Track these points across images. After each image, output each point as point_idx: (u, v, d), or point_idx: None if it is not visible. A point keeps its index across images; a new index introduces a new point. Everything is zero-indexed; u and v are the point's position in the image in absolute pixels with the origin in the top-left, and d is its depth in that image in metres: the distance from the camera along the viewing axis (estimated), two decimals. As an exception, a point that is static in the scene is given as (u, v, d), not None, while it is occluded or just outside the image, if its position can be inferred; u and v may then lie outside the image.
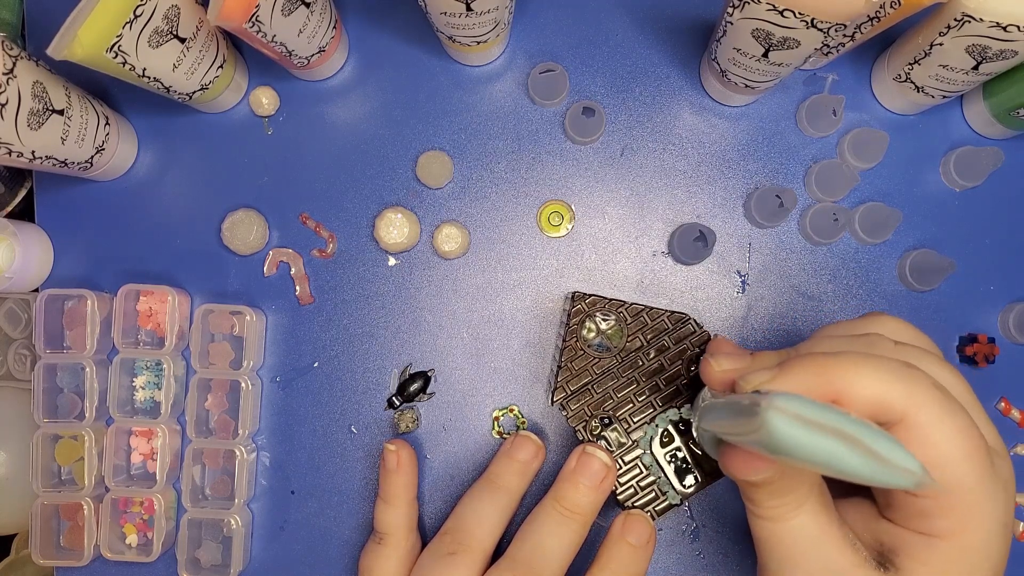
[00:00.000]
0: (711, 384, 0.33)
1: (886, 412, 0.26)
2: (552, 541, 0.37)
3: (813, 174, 0.45)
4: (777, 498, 0.29)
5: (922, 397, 0.26)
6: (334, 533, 0.45)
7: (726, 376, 0.31)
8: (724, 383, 0.32)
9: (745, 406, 0.25)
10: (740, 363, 0.32)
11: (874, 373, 0.26)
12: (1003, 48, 0.37)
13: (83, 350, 0.44)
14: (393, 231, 0.45)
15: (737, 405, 0.26)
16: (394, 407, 0.45)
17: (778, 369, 0.27)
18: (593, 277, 0.46)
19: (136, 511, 0.45)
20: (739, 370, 0.31)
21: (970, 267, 0.46)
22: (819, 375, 0.26)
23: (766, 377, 0.27)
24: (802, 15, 0.34)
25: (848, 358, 0.27)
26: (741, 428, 0.25)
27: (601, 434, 0.40)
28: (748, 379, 0.28)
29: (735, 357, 0.32)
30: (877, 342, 0.30)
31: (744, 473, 0.29)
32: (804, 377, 0.27)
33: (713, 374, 0.32)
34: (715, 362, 0.32)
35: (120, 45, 0.36)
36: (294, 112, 0.47)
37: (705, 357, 0.33)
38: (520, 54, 0.47)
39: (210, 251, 0.47)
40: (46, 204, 0.47)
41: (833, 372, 0.26)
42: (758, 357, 0.32)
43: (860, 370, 0.26)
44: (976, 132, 0.47)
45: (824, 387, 0.26)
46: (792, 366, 0.27)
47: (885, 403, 0.26)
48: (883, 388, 0.26)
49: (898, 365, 0.27)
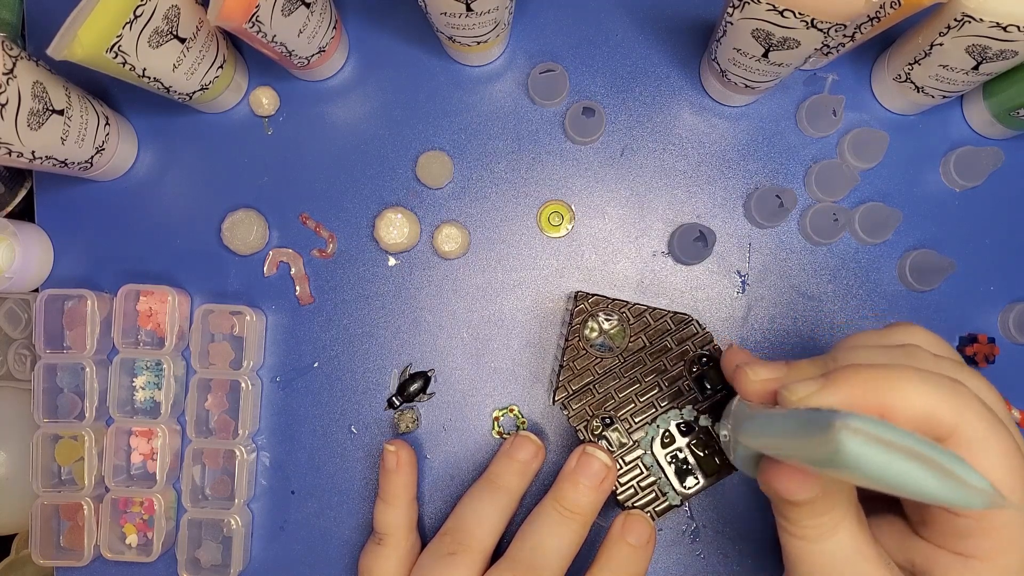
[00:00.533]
0: (747, 395, 0.31)
1: (934, 428, 0.26)
2: (552, 541, 0.37)
3: (813, 174, 0.45)
4: (816, 517, 0.29)
5: (970, 414, 0.26)
6: (334, 533, 0.45)
7: (766, 387, 0.30)
8: (763, 394, 0.30)
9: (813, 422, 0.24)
10: (777, 372, 0.30)
11: (924, 387, 0.26)
12: (1003, 48, 0.37)
13: (83, 350, 0.44)
14: (393, 231, 0.45)
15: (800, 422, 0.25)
16: (394, 407, 0.45)
17: (823, 380, 0.27)
18: (593, 277, 0.46)
19: (136, 511, 0.45)
20: (778, 380, 0.30)
21: (970, 267, 0.46)
22: (866, 388, 0.26)
23: (812, 388, 0.26)
24: (802, 15, 0.34)
25: (898, 371, 0.26)
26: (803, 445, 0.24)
27: (602, 434, 0.40)
28: (792, 389, 0.27)
29: (772, 366, 0.31)
30: (917, 354, 0.29)
31: (791, 492, 0.28)
32: (852, 389, 0.26)
33: (750, 384, 0.31)
34: (752, 372, 0.31)
35: (120, 45, 0.36)
36: (294, 112, 0.47)
37: (739, 366, 0.31)
38: (520, 54, 0.47)
39: (210, 251, 0.47)
40: (46, 204, 0.47)
41: (883, 385, 0.26)
42: (795, 367, 0.30)
43: (911, 384, 0.26)
44: (976, 132, 0.47)
45: (873, 400, 0.26)
46: (839, 378, 0.26)
47: (934, 419, 0.26)
48: (933, 403, 0.26)
49: (947, 381, 0.26)
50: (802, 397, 0.27)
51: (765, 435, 0.28)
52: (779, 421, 0.27)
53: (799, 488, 0.28)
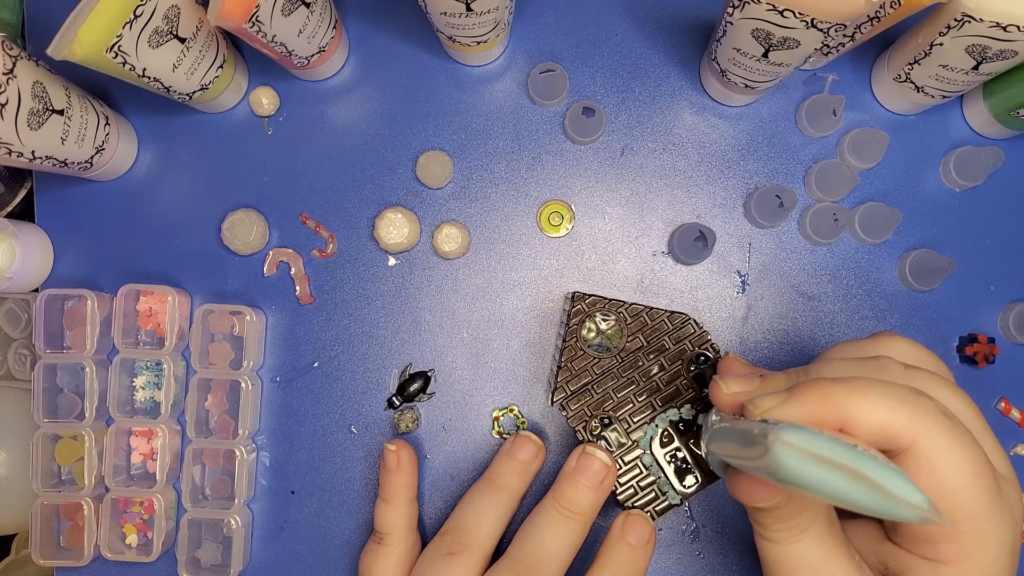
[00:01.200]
0: (720, 406, 0.32)
1: (893, 439, 0.26)
2: (552, 541, 0.37)
3: (813, 174, 0.45)
4: (783, 522, 0.30)
5: (929, 424, 0.26)
6: (334, 533, 0.45)
7: (735, 399, 0.31)
8: (733, 406, 0.31)
9: (752, 436, 0.24)
10: (749, 385, 0.31)
11: (881, 400, 0.26)
12: (1003, 48, 0.37)
13: (83, 350, 0.44)
14: (393, 231, 0.45)
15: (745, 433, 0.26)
16: (394, 407, 0.45)
17: (786, 394, 0.27)
18: (593, 277, 0.46)
19: (136, 511, 0.45)
20: (748, 392, 0.31)
21: (970, 267, 0.46)
22: (826, 401, 0.26)
23: (774, 402, 0.27)
24: (802, 15, 0.34)
25: (855, 384, 0.27)
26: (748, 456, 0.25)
27: (601, 434, 0.40)
28: (756, 403, 0.28)
29: (744, 379, 0.32)
30: (887, 366, 0.30)
31: (750, 499, 0.29)
32: (811, 404, 0.26)
33: (722, 396, 0.32)
34: (724, 384, 0.32)
35: (120, 45, 0.36)
36: (294, 112, 0.47)
37: (715, 378, 0.32)
38: (520, 54, 0.47)
39: (210, 251, 0.47)
40: (46, 204, 0.47)
41: (840, 399, 0.26)
42: (767, 380, 0.31)
43: (867, 397, 0.26)
44: (976, 132, 0.47)
45: (831, 414, 0.26)
46: (800, 392, 0.27)
47: (892, 430, 0.26)
48: (890, 415, 0.26)
49: (906, 391, 0.27)
50: (764, 410, 0.27)
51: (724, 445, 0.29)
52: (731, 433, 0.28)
53: (758, 496, 0.29)
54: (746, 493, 0.29)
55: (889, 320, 0.46)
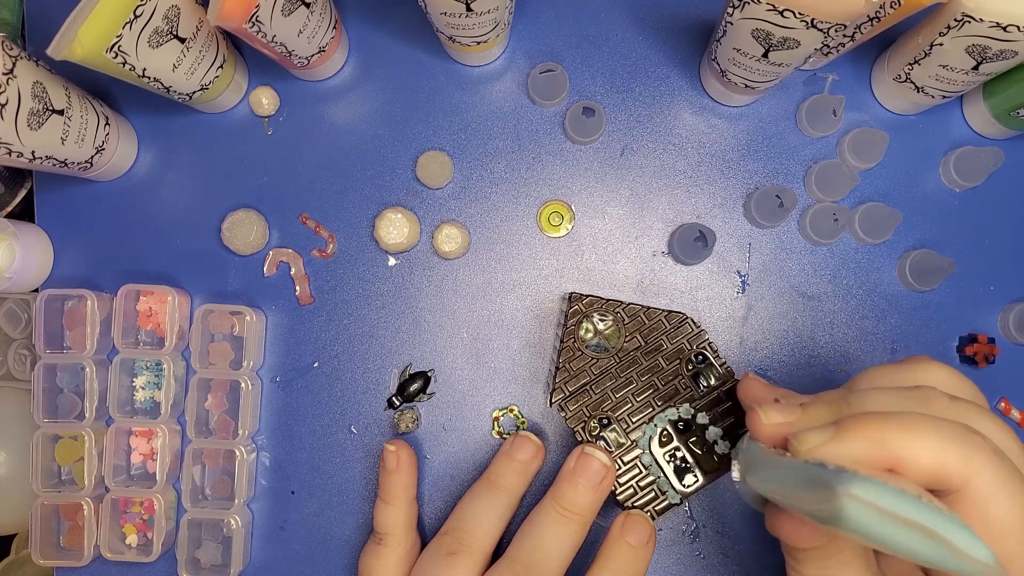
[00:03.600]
0: (760, 438, 0.31)
1: (945, 481, 0.26)
2: (552, 541, 0.37)
3: (813, 174, 0.45)
4: (822, 560, 0.29)
5: (981, 465, 0.25)
6: (334, 533, 0.45)
7: (778, 431, 0.30)
8: (773, 438, 0.30)
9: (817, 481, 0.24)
10: (790, 416, 0.30)
11: (934, 440, 0.25)
12: (1003, 48, 0.37)
13: (83, 350, 0.44)
14: (393, 231, 0.45)
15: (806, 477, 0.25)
16: (394, 407, 0.45)
17: (834, 429, 0.26)
18: (593, 277, 0.46)
19: (136, 511, 0.45)
20: (790, 424, 0.30)
21: (970, 267, 0.46)
22: (876, 440, 0.26)
23: (822, 439, 0.26)
24: (802, 15, 0.34)
25: (907, 422, 0.26)
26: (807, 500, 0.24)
27: (600, 434, 0.40)
28: (802, 439, 0.27)
29: (785, 409, 0.30)
30: (931, 398, 0.29)
31: (796, 540, 0.29)
32: (861, 442, 0.26)
33: (762, 428, 0.30)
34: (764, 415, 0.30)
35: (120, 45, 0.36)
36: (294, 112, 0.47)
37: (753, 408, 0.31)
38: (520, 54, 0.47)
39: (210, 251, 0.47)
40: (46, 204, 0.47)
41: (892, 437, 0.26)
42: (809, 410, 0.30)
43: (920, 436, 0.26)
44: (976, 132, 0.47)
45: (882, 452, 0.26)
46: (848, 429, 0.26)
47: (945, 472, 0.25)
48: (942, 456, 0.25)
49: (958, 429, 0.26)
50: (811, 447, 0.26)
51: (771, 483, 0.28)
52: (785, 473, 0.27)
53: (805, 538, 0.28)
54: (790, 534, 0.29)
55: (889, 320, 0.46)
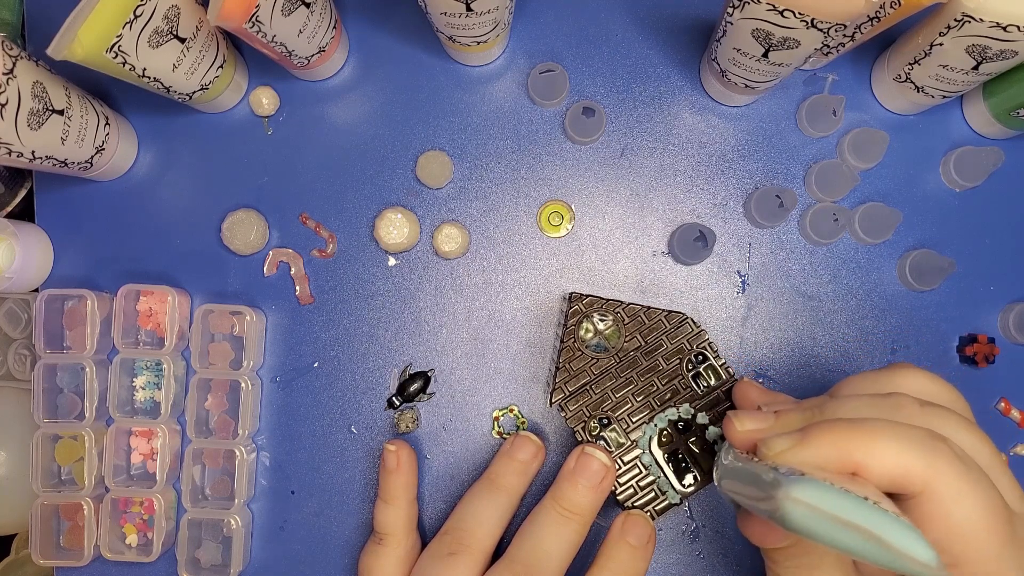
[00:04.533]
0: (733, 443, 0.32)
1: (906, 484, 0.26)
2: (552, 541, 0.37)
3: (813, 174, 0.45)
4: (794, 559, 0.30)
5: (943, 469, 0.26)
6: (334, 533, 0.45)
7: (748, 437, 0.31)
8: (746, 444, 0.31)
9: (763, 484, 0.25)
10: (763, 423, 0.31)
11: (894, 445, 0.26)
12: (1003, 48, 0.37)
13: (83, 350, 0.44)
14: (393, 231, 0.45)
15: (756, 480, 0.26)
16: (394, 407, 0.45)
17: (800, 436, 0.27)
18: (593, 277, 0.46)
19: (136, 511, 0.45)
20: (762, 431, 0.31)
21: (970, 267, 0.46)
22: (839, 446, 0.26)
23: (787, 444, 0.27)
24: (802, 15, 0.34)
25: (869, 428, 0.27)
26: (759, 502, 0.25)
27: (600, 434, 0.40)
28: (769, 444, 0.28)
29: (758, 417, 0.32)
30: (902, 404, 0.29)
31: (762, 541, 0.31)
32: (824, 448, 0.27)
33: (735, 434, 0.32)
34: (738, 422, 0.32)
35: (120, 45, 0.36)
36: (294, 112, 0.47)
37: (728, 414, 0.32)
38: (520, 54, 0.47)
39: (210, 251, 0.47)
40: (46, 204, 0.47)
41: (854, 443, 0.26)
42: (782, 418, 0.31)
43: (881, 441, 0.26)
44: (976, 132, 0.47)
45: (844, 458, 0.26)
46: (812, 435, 0.27)
47: (904, 476, 0.26)
48: (903, 460, 0.26)
49: (920, 435, 0.27)
50: (777, 452, 0.27)
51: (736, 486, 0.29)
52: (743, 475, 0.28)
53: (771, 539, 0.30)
54: (757, 535, 0.30)
55: (889, 320, 0.46)
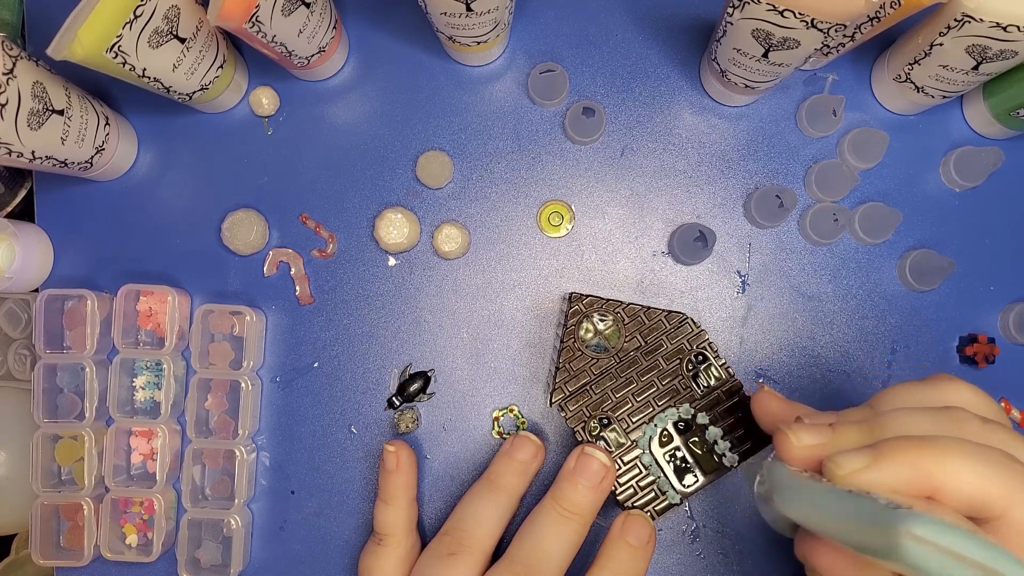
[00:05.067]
0: (790, 461, 0.30)
1: (984, 508, 0.25)
2: (551, 541, 0.37)
3: (813, 174, 0.45)
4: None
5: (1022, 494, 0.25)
6: (334, 533, 0.45)
7: (811, 453, 0.29)
8: (806, 461, 0.29)
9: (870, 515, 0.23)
10: (821, 437, 0.29)
11: (975, 467, 0.25)
12: (1003, 48, 0.37)
13: (83, 350, 0.44)
14: (393, 231, 0.45)
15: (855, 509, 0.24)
16: (394, 407, 0.45)
17: (872, 454, 0.26)
18: (593, 277, 0.46)
19: (136, 511, 0.45)
20: (823, 447, 0.29)
21: (970, 267, 0.46)
22: (916, 466, 0.25)
23: (861, 463, 0.26)
24: (802, 15, 0.34)
25: (948, 446, 0.26)
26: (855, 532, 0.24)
27: (600, 435, 0.40)
28: (840, 463, 0.26)
29: (816, 431, 0.29)
30: (964, 420, 0.28)
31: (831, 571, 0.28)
32: (901, 468, 0.25)
33: (793, 450, 0.29)
34: (794, 437, 0.29)
35: (120, 45, 0.36)
36: (294, 112, 0.47)
37: (781, 429, 0.30)
38: (520, 54, 0.47)
39: (210, 251, 0.47)
40: (46, 204, 0.47)
41: (932, 463, 0.25)
42: (839, 431, 0.29)
43: (961, 462, 0.25)
44: (976, 132, 0.47)
45: (922, 479, 0.25)
46: (887, 454, 0.26)
47: (985, 499, 0.25)
48: (984, 484, 0.25)
49: (998, 456, 0.26)
50: (849, 472, 0.26)
51: (807, 510, 0.27)
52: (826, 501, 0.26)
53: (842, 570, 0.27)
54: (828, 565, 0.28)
55: (889, 320, 0.46)
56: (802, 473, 0.29)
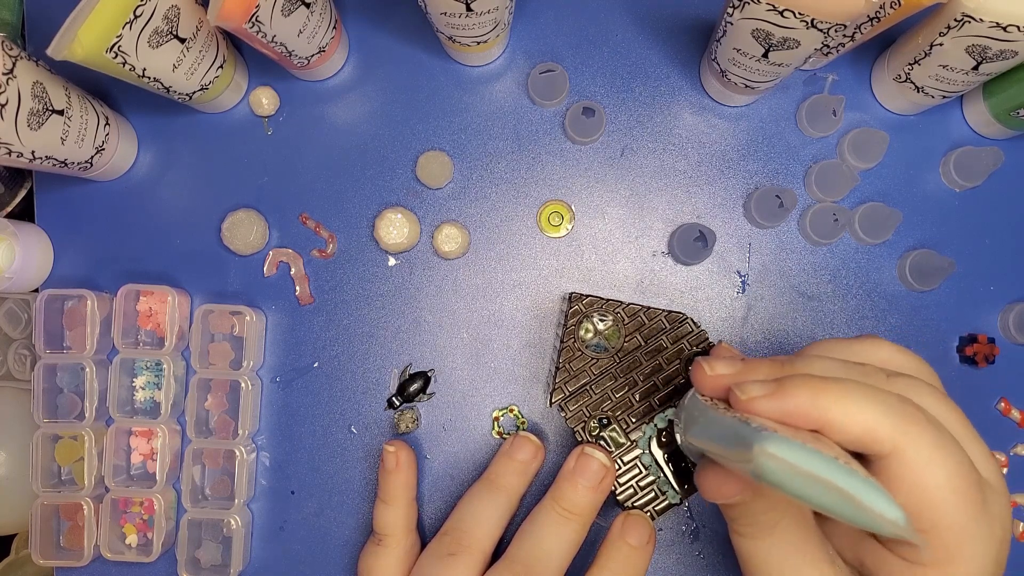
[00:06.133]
0: (702, 388, 0.31)
1: (875, 444, 0.26)
2: (551, 541, 0.37)
3: (813, 174, 0.45)
4: (752, 516, 0.30)
5: (914, 432, 0.26)
6: (334, 533, 0.45)
7: (720, 382, 0.30)
8: (716, 389, 0.31)
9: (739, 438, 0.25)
10: (732, 368, 0.31)
11: (866, 404, 0.26)
12: (1003, 48, 0.37)
13: (83, 350, 0.44)
14: (393, 231, 0.45)
15: (731, 433, 0.26)
16: (394, 407, 0.45)
17: (775, 385, 0.27)
18: (593, 277, 0.46)
19: (136, 511, 0.45)
20: (733, 376, 0.30)
21: (970, 267, 0.46)
22: (813, 400, 0.27)
23: (761, 391, 0.27)
24: (802, 15, 0.34)
25: (843, 386, 0.27)
26: (731, 455, 0.25)
27: (600, 435, 0.40)
28: (744, 388, 0.28)
29: (728, 363, 0.31)
30: (871, 373, 0.30)
31: (715, 496, 0.30)
32: (798, 400, 0.27)
33: (705, 378, 0.31)
34: (708, 366, 0.31)
35: (120, 45, 0.36)
36: (294, 112, 0.47)
37: (698, 360, 0.31)
38: (520, 54, 0.47)
39: (210, 251, 0.47)
40: (46, 204, 0.47)
41: (827, 398, 0.27)
42: (751, 365, 0.31)
43: (853, 399, 0.26)
44: (976, 132, 0.47)
45: (816, 412, 0.26)
46: (788, 387, 0.27)
47: (875, 435, 0.26)
48: (874, 420, 0.26)
49: (892, 398, 0.27)
50: (751, 398, 0.27)
51: (704, 437, 0.29)
52: (716, 427, 0.28)
53: (723, 494, 0.29)
54: (712, 489, 0.30)
55: (889, 320, 0.46)
56: (711, 403, 0.30)
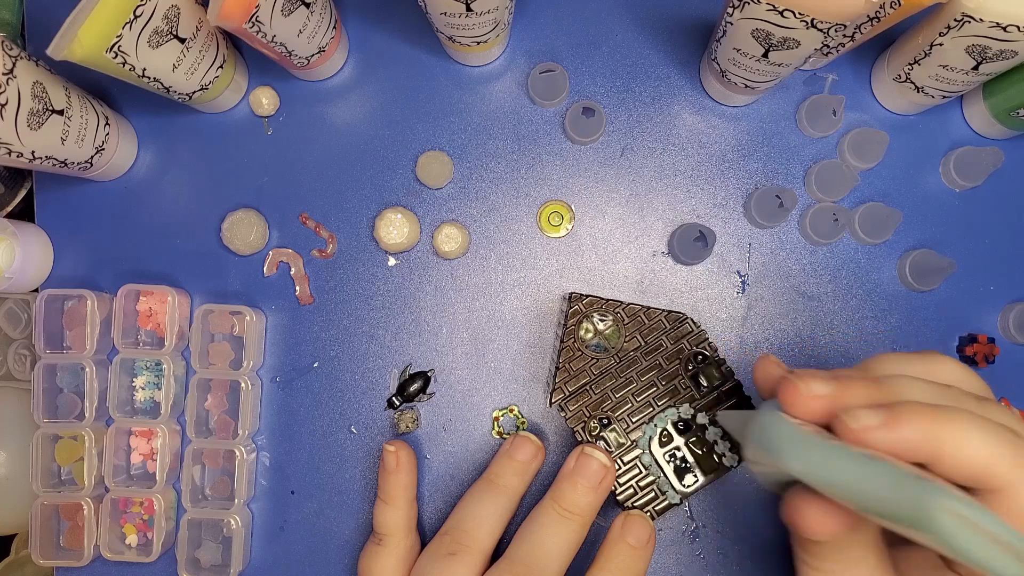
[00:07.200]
0: (798, 412, 0.28)
1: (992, 480, 0.25)
2: (551, 541, 0.37)
3: (813, 174, 0.45)
4: (837, 553, 0.28)
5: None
6: (334, 533, 0.45)
7: (816, 404, 0.27)
8: (812, 412, 0.28)
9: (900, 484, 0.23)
10: (830, 389, 0.28)
11: (983, 438, 0.25)
12: (1003, 48, 0.37)
13: (83, 350, 0.44)
14: (393, 231, 0.45)
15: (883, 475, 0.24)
16: (394, 407, 0.45)
17: (887, 413, 0.26)
18: (593, 277, 0.46)
19: (136, 511, 0.45)
20: (833, 399, 0.27)
21: (970, 267, 0.46)
22: (929, 431, 0.25)
23: (876, 420, 0.25)
24: (802, 15, 0.34)
25: (959, 418, 0.26)
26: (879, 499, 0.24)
27: (600, 435, 0.40)
28: (856, 417, 0.26)
29: (825, 381, 0.28)
30: (962, 398, 0.28)
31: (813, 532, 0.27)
32: (913, 431, 0.25)
33: (799, 399, 0.27)
34: (804, 385, 0.27)
35: (120, 45, 0.36)
36: (294, 112, 0.47)
37: (788, 378, 0.28)
38: (520, 54, 0.47)
39: (210, 251, 0.47)
40: (46, 204, 0.47)
41: (942, 430, 0.25)
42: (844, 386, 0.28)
43: (970, 433, 0.25)
44: (976, 132, 0.47)
45: (931, 444, 0.25)
46: (903, 417, 0.25)
47: (990, 471, 0.25)
48: (992, 456, 0.25)
49: (1004, 431, 0.26)
50: (864, 427, 0.25)
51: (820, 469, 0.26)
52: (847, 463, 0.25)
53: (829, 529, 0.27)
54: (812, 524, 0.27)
55: (889, 320, 0.46)
56: (806, 427, 0.27)
